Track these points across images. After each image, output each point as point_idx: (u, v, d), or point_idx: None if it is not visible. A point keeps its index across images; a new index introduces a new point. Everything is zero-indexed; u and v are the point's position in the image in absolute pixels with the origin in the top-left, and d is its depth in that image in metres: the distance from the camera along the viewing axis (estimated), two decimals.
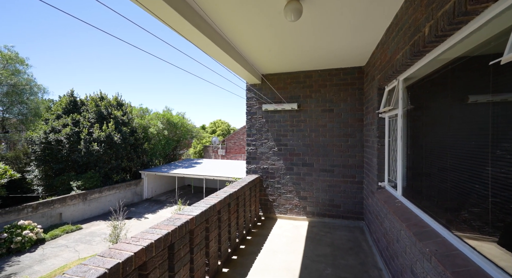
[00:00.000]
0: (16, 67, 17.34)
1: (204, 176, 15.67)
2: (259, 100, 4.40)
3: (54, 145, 13.36)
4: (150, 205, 16.14)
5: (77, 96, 15.29)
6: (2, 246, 9.11)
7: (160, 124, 18.10)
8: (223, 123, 33.60)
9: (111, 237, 8.85)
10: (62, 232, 11.06)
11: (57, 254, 9.36)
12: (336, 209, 3.97)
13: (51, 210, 11.67)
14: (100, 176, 14.29)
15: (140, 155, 16.98)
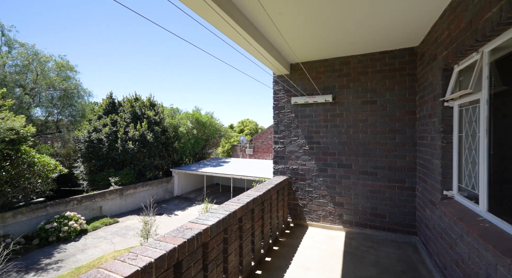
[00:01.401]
0: (67, 73, 19.19)
1: (232, 175, 15.59)
2: (287, 92, 3.93)
3: (95, 144, 14.40)
4: (180, 202, 16.60)
5: (115, 98, 16.33)
6: (53, 234, 9.97)
7: (190, 124, 18.53)
8: (250, 122, 33.56)
9: (142, 232, 9.12)
10: (102, 224, 11.81)
11: (97, 245, 9.97)
12: (380, 219, 3.33)
13: (93, 204, 12.56)
14: (135, 173, 15.05)
15: (171, 153, 17.56)
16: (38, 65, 17.04)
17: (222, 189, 19.83)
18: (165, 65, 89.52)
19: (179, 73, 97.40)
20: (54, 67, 18.17)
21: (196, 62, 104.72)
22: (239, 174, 15.38)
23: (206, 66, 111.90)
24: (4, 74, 15.35)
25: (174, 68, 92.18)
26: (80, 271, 7.98)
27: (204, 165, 18.94)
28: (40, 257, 8.91)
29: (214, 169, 17.07)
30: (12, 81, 15.67)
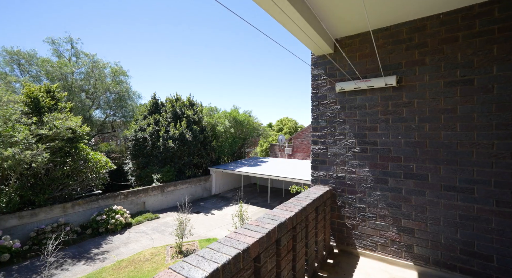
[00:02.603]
0: (120, 78, 21.10)
1: (269, 176, 14.90)
2: (330, 77, 3.01)
3: (141, 142, 15.31)
4: (217, 201, 16.63)
5: (158, 99, 17.18)
6: (102, 225, 10.74)
7: (227, 122, 18.47)
8: (290, 121, 32.38)
9: (177, 231, 9.08)
10: (144, 219, 12.39)
11: (138, 239, 10.38)
12: (481, 262, 2.19)
13: (137, 199, 13.30)
14: (175, 171, 15.55)
15: (209, 152, 17.74)
16: (97, 72, 19.04)
17: (259, 189, 19.33)
18: (205, 65, 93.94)
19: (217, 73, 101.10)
20: (109, 73, 20.13)
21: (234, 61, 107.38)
22: (276, 175, 14.60)
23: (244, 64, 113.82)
24: (72, 81, 17.51)
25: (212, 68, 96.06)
26: (121, 264, 8.27)
27: (242, 164, 18.69)
28: (91, 247, 9.62)
29: (251, 169, 16.64)
30: (77, 87, 17.78)
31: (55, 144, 9.49)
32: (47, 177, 10.15)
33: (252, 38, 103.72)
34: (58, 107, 10.49)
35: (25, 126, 9.00)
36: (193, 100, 17.70)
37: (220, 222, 12.57)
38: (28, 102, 9.73)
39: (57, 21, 43.97)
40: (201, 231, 11.32)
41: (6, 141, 8.47)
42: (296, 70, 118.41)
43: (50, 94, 10.40)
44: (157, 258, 8.73)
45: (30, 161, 8.66)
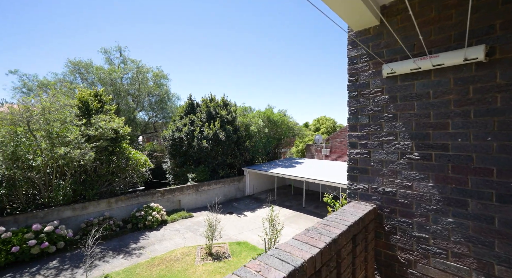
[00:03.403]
0: (160, 81, 22.43)
1: (304, 179, 14.00)
2: (374, 59, 2.25)
3: (177, 142, 15.88)
4: (250, 202, 16.33)
5: (194, 100, 17.65)
6: (140, 221, 11.30)
7: (261, 122, 18.05)
8: (327, 120, 30.54)
9: (207, 233, 8.95)
10: (179, 217, 12.71)
11: (171, 237, 10.63)
12: None
13: (173, 197, 13.76)
14: (209, 170, 15.73)
15: (243, 152, 17.56)
16: (141, 76, 20.51)
17: (294, 192, 18.46)
18: (240, 65, 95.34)
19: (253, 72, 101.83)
20: (151, 77, 21.54)
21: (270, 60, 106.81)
22: (312, 177, 13.64)
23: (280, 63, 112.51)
24: (120, 85, 19.18)
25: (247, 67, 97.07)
26: (154, 262, 8.45)
27: (276, 165, 18.08)
28: (130, 241, 10.14)
29: (285, 170, 15.92)
30: (124, 91, 19.40)
31: (100, 143, 10.25)
32: (95, 174, 11.06)
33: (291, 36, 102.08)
34: (104, 109, 11.37)
35: (76, 127, 9.90)
36: (227, 100, 17.74)
37: (252, 224, 12.19)
38: (80, 105, 10.72)
39: (110, 32, 49.52)
40: (232, 233, 11.08)
41: (61, 141, 9.41)
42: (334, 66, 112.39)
43: (98, 97, 11.33)
44: (187, 258, 8.71)
45: (79, 159, 9.46)
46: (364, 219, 1.90)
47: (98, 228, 10.03)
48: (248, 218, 13.21)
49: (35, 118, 9.00)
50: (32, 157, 9.39)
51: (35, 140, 9.10)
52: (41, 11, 44.65)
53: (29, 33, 44.38)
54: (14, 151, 8.83)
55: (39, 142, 9.14)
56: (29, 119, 8.84)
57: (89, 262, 8.40)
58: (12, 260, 8.14)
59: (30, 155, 9.36)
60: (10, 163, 8.82)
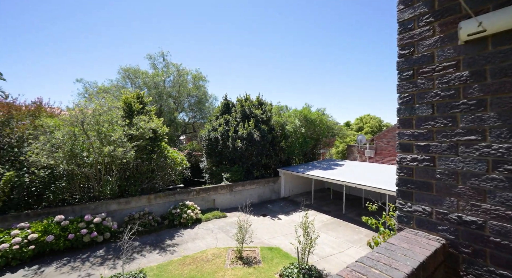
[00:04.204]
0: (199, 83, 23.28)
1: (344, 183, 12.78)
2: (441, 17, 1.51)
3: (213, 142, 16.12)
4: (285, 205, 15.66)
5: (229, 99, 17.74)
6: (176, 218, 11.67)
7: (297, 121, 17.21)
8: (372, 119, 27.84)
9: (237, 236, 8.66)
10: (213, 217, 12.79)
11: (204, 236, 10.68)
12: None
13: (208, 196, 13.94)
14: (243, 170, 15.57)
15: (278, 152, 16.99)
16: (181, 79, 21.56)
17: (333, 196, 17.15)
18: (276, 64, 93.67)
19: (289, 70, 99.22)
20: (191, 79, 22.48)
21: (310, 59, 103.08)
22: (354, 181, 12.36)
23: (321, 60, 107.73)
24: (162, 88, 20.46)
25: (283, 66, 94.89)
26: (185, 260, 8.51)
27: (313, 167, 17.04)
28: (165, 237, 10.51)
29: (323, 173, 14.84)
30: (166, 93, 20.63)
31: (140, 142, 10.85)
32: (137, 171, 11.80)
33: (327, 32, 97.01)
34: (144, 110, 12.06)
35: (120, 127, 10.66)
36: (262, 99, 17.39)
37: (286, 229, 11.55)
38: (124, 107, 11.54)
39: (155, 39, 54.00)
40: (264, 237, 10.63)
41: (108, 140, 10.21)
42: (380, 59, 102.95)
43: (139, 99, 12.07)
44: (217, 260, 8.56)
45: (122, 157, 10.14)
46: (426, 265, 1.21)
47: (139, 222, 10.68)
48: (282, 222, 12.61)
49: (87, 119, 9.93)
50: (86, 154, 10.41)
51: (88, 139, 10.05)
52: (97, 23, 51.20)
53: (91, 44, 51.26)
54: (72, 148, 9.88)
55: (91, 141, 10.07)
56: (83, 120, 9.79)
57: (129, 255, 8.90)
58: (69, 246, 9.07)
59: (84, 152, 10.38)
60: (68, 159, 9.90)
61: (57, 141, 9.40)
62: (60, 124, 9.67)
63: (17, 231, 8.44)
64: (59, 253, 8.91)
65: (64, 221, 9.19)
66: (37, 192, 9.89)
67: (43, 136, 9.42)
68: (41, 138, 9.36)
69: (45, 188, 9.82)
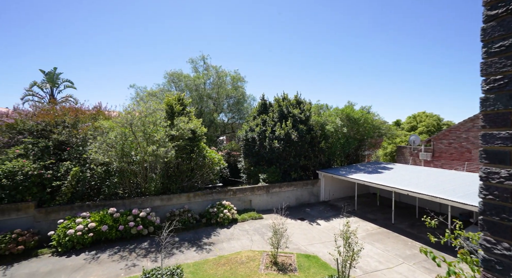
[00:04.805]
0: (237, 84, 23.64)
1: (393, 189, 11.36)
2: None
3: (250, 142, 16.09)
4: (325, 209, 14.72)
5: (267, 99, 17.51)
6: (213, 217, 11.91)
7: (339, 121, 16.04)
8: (428, 116, 24.42)
9: (272, 240, 8.32)
10: (249, 218, 12.71)
11: (240, 237, 10.62)
12: None
13: (244, 196, 13.93)
14: (280, 172, 15.15)
15: (317, 153, 16.09)
16: (220, 81, 22.17)
17: (380, 202, 15.50)
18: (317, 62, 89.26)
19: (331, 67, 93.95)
20: (229, 80, 22.96)
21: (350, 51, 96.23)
22: (405, 188, 10.90)
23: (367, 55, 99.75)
24: (202, 90, 21.35)
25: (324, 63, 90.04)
26: (220, 260, 8.53)
27: (357, 169, 15.69)
28: (203, 235, 10.78)
29: (369, 177, 13.50)
30: (206, 95, 21.47)
31: (180, 143, 11.35)
32: (178, 170, 12.41)
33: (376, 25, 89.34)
34: (184, 111, 12.62)
35: (163, 128, 11.33)
36: (300, 98, 16.71)
37: (325, 236, 10.78)
38: (166, 109, 12.25)
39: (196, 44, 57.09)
40: (301, 243, 10.08)
41: (151, 140, 10.94)
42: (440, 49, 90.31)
43: (180, 101, 12.68)
44: (252, 263, 8.36)
45: (164, 156, 10.74)
46: None
47: (179, 219, 11.19)
48: (321, 228, 11.83)
49: (135, 121, 10.79)
50: (134, 153, 11.35)
51: (135, 139, 10.93)
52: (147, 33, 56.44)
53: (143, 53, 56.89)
54: (123, 148, 10.87)
55: (139, 141, 10.93)
56: (131, 122, 10.67)
57: (169, 250, 9.34)
58: (119, 236, 9.97)
59: (132, 151, 11.32)
60: (120, 157, 10.92)
61: (110, 141, 10.43)
62: (114, 125, 10.72)
63: (80, 219, 9.60)
64: (111, 242, 9.86)
65: (116, 213, 10.12)
66: (96, 186, 11.14)
67: (100, 137, 10.56)
68: (99, 138, 10.51)
69: (102, 183, 11.00)
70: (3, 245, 8.54)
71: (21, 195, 9.55)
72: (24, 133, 10.94)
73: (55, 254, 8.93)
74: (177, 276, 7.35)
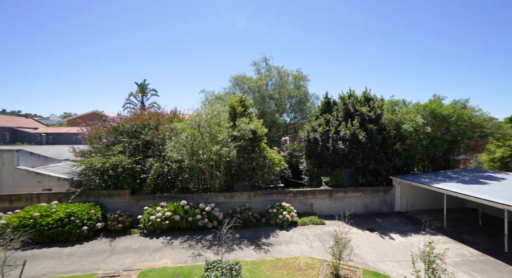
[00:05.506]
0: (300, 83, 23.07)
1: (507, 207, 8.68)
2: None
3: (312, 143, 15.36)
4: (401, 221, 12.61)
5: (330, 98, 16.36)
6: (273, 218, 11.88)
7: (420, 119, 13.48)
8: None
9: (333, 250, 7.59)
10: (310, 222, 12.10)
11: (299, 242, 10.21)
12: None
13: (305, 199, 13.37)
14: (346, 175, 13.87)
15: (391, 156, 13.97)
16: (282, 81, 22.10)
17: (483, 221, 12.20)
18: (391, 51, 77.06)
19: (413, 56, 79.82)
20: (291, 80, 22.61)
21: None
22: None
23: None
24: (264, 91, 21.76)
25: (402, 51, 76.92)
26: (277, 263, 8.37)
27: (446, 178, 12.86)
28: (262, 235, 10.86)
29: (464, 188, 10.85)
30: (268, 96, 21.78)
31: (241, 143, 11.79)
32: (239, 169, 12.94)
33: None
34: (246, 113, 13.06)
35: (225, 129, 12.03)
36: (369, 95, 14.91)
37: (401, 254, 9.20)
38: (229, 111, 12.97)
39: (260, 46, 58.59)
40: (369, 258, 8.89)
41: (215, 140, 11.77)
42: None
43: (241, 103, 13.20)
44: (310, 271, 7.87)
45: (226, 155, 11.37)
46: None
47: (240, 216, 11.64)
48: (395, 243, 10.17)
49: (202, 123, 11.84)
50: (201, 152, 12.47)
51: (202, 139, 12.00)
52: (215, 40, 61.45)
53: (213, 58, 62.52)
54: (192, 147, 12.11)
55: (205, 141, 11.95)
56: (199, 123, 11.76)
57: (229, 245, 9.80)
58: (188, 226, 11.12)
59: (200, 150, 12.47)
60: (190, 155, 12.20)
61: (182, 141, 11.78)
62: (185, 127, 12.06)
63: (159, 208, 11.18)
64: (182, 231, 11.07)
65: (186, 205, 11.33)
66: (172, 180, 12.80)
67: (174, 137, 12.07)
68: (173, 138, 12.03)
69: (176, 178, 12.54)
70: (110, 222, 10.79)
71: (120, 183, 11.85)
72: (123, 134, 13.58)
73: (142, 234, 10.67)
74: (235, 271, 7.58)
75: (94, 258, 8.71)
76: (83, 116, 38.60)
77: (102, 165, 11.62)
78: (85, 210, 10.45)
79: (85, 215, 10.23)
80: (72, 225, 9.85)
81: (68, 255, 8.91)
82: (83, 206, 10.70)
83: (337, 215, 10.04)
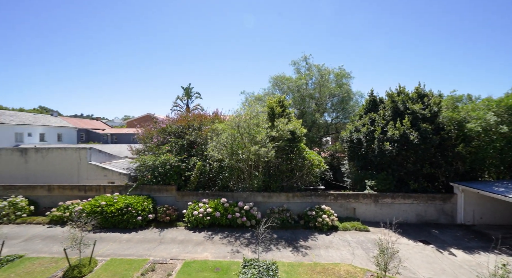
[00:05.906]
0: (342, 81, 21.91)
1: None
2: None
3: (355, 143, 14.42)
4: (465, 236, 10.92)
5: (376, 95, 15.12)
6: (311, 220, 11.54)
7: (491, 116, 11.44)
8: None
9: (378, 259, 6.98)
10: (352, 227, 11.39)
11: (339, 247, 9.69)
12: None
13: (347, 203, 12.62)
14: (394, 179, 12.62)
15: (452, 160, 12.19)
16: (323, 79, 21.29)
17: None
18: None
19: None
20: (333, 78, 21.60)
21: None
22: None
23: None
24: (304, 91, 21.28)
25: None
26: (315, 268, 8.10)
27: None
28: (300, 237, 10.64)
29: None
30: (308, 95, 21.23)
31: (280, 143, 11.75)
32: (278, 170, 12.91)
33: None
34: (284, 113, 12.96)
35: (264, 129, 12.14)
36: (423, 91, 13.29)
37: (464, 273, 7.99)
38: (268, 111, 13.06)
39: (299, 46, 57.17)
40: (421, 272, 7.94)
41: (254, 141, 11.98)
42: None
43: (280, 103, 13.15)
44: None
45: (264, 156, 11.47)
46: None
47: (278, 217, 11.60)
48: (457, 260, 8.86)
49: (242, 123, 12.19)
50: (240, 152, 12.84)
51: (241, 140, 12.34)
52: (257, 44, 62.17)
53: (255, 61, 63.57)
54: (232, 147, 12.56)
55: (244, 141, 12.27)
56: (238, 124, 12.14)
57: (267, 244, 9.85)
58: (227, 223, 11.55)
59: (239, 150, 12.84)
60: (230, 155, 12.67)
61: (223, 141, 12.31)
62: (225, 128, 12.58)
63: (202, 204, 11.89)
64: (222, 227, 11.55)
65: (226, 203, 11.78)
66: (213, 179, 13.48)
67: (215, 137, 12.68)
68: (214, 138, 12.66)
69: (217, 176, 13.17)
70: (159, 214, 11.92)
71: (168, 180, 12.98)
72: (171, 134, 14.86)
73: (186, 228, 11.49)
74: (272, 271, 7.61)
75: (146, 245, 9.74)
76: (138, 118, 43.61)
77: (153, 163, 12.90)
78: (140, 202, 11.74)
79: (139, 207, 11.50)
80: (129, 215, 11.18)
81: (126, 240, 10.15)
82: (138, 198, 12.04)
83: (383, 223, 9.17)
